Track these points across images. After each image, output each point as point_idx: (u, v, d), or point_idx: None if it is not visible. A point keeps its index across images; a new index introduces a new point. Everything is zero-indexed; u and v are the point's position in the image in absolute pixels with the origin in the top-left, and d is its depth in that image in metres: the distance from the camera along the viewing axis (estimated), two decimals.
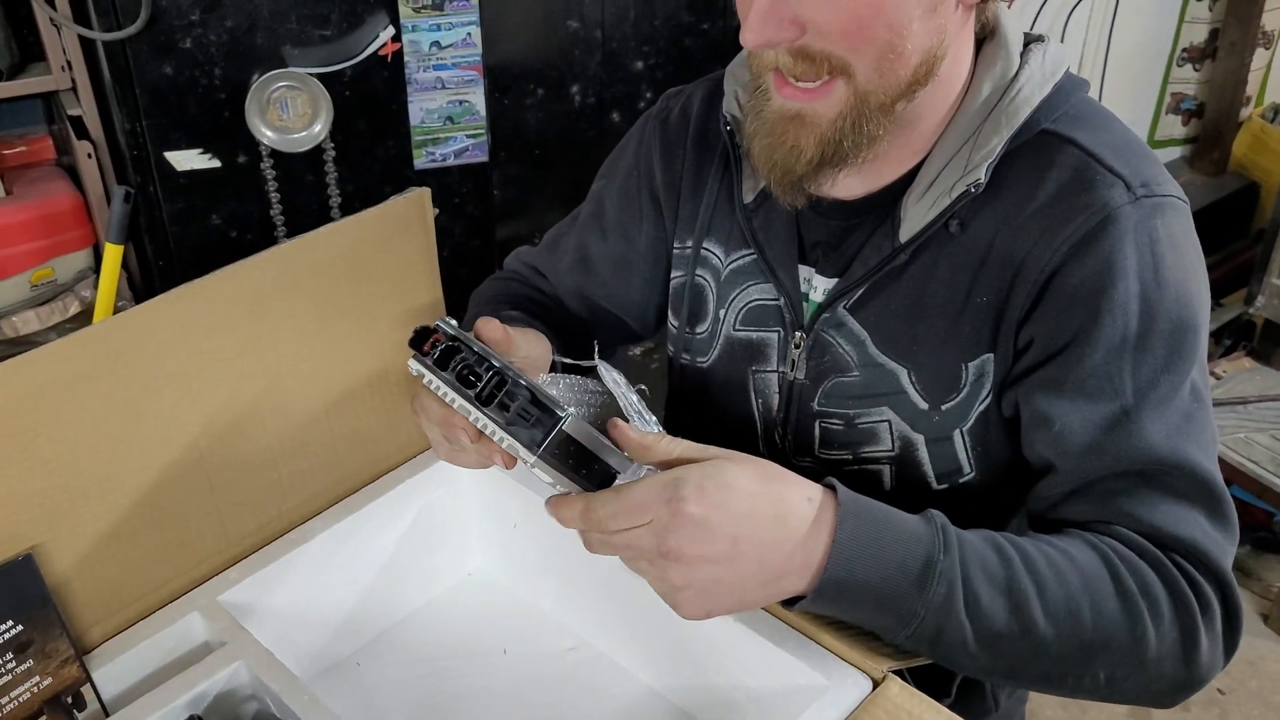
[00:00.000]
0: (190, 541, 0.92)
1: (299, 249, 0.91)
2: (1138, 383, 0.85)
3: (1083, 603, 0.80)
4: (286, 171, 1.80)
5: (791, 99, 0.86)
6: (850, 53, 0.82)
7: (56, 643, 0.84)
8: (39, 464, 0.82)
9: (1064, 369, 0.87)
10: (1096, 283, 0.85)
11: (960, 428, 0.94)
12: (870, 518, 0.79)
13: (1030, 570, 0.80)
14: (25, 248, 1.77)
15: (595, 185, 1.19)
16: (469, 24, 1.79)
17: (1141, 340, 0.85)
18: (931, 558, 0.78)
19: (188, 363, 0.87)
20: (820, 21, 0.81)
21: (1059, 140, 0.90)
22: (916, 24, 0.83)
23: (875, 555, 0.77)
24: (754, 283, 1.04)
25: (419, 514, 1.06)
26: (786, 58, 0.84)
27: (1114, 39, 2.93)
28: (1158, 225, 0.87)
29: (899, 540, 0.78)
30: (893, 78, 0.85)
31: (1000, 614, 0.79)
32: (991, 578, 0.79)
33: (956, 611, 0.78)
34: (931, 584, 0.77)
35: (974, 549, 0.80)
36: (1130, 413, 0.85)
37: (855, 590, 0.77)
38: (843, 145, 0.87)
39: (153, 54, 1.65)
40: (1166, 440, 0.84)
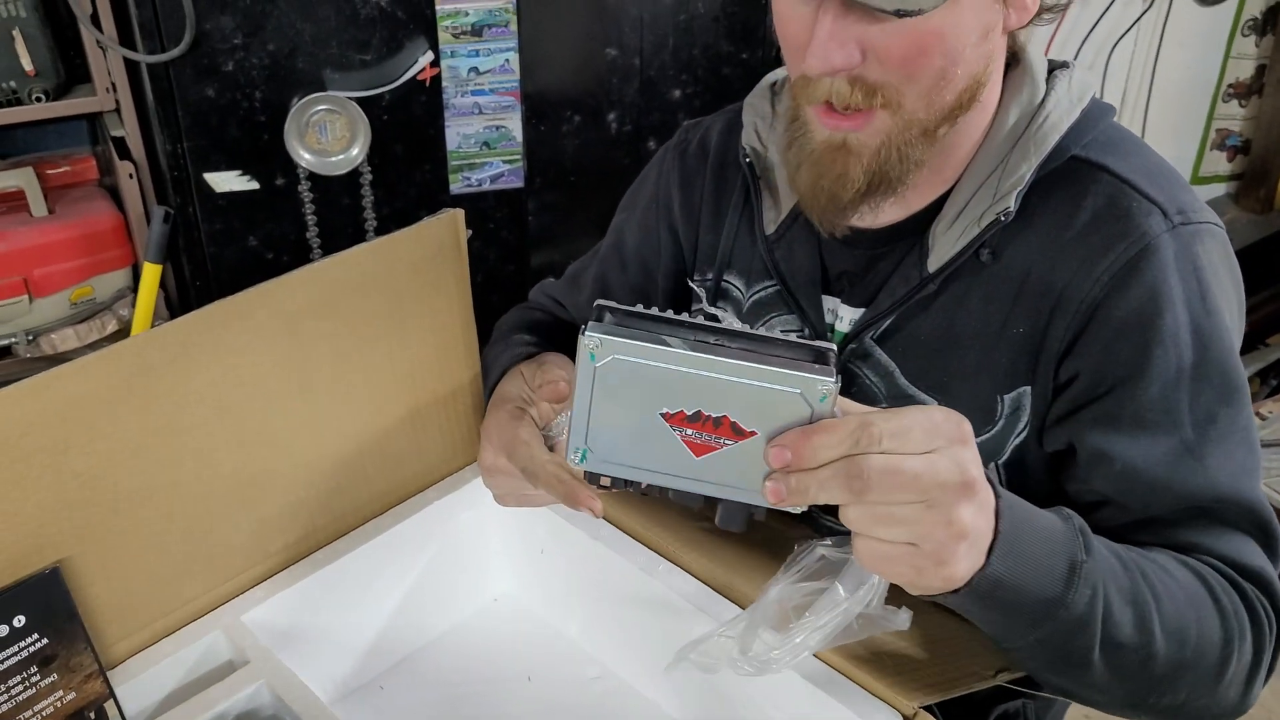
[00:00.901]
0: (217, 559, 0.92)
1: (332, 268, 0.91)
2: (1196, 415, 0.84)
3: (1189, 620, 0.79)
4: (324, 194, 1.81)
5: (836, 129, 0.85)
6: (905, 81, 0.82)
7: (81, 657, 0.84)
8: (70, 477, 0.82)
9: (1119, 404, 0.86)
10: (1145, 314, 0.84)
11: (995, 461, 0.93)
12: (1023, 511, 0.74)
13: (1148, 583, 0.78)
14: (66, 266, 1.79)
15: (616, 218, 1.19)
16: (507, 50, 1.80)
17: (1196, 371, 0.84)
18: (1075, 559, 0.75)
19: (219, 379, 0.87)
20: (883, 48, 0.80)
21: (1090, 167, 0.89)
22: (970, 50, 0.83)
23: (1028, 553, 0.72)
24: (777, 314, 1.03)
25: (447, 536, 1.05)
26: (843, 85, 0.82)
27: (1158, 74, 2.91)
28: (1199, 253, 0.86)
29: (1047, 540, 0.74)
30: (939, 103, 0.84)
31: (1127, 624, 0.77)
32: (1120, 587, 0.77)
33: (1094, 619, 0.75)
34: (1076, 585, 0.74)
35: (1104, 555, 0.78)
36: (1192, 448, 0.84)
37: (1009, 590, 0.72)
38: (889, 173, 0.87)
39: (195, 76, 1.67)
40: (1230, 477, 0.84)
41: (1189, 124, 3.13)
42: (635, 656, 1.01)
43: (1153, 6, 2.78)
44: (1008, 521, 0.71)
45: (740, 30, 1.96)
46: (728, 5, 1.92)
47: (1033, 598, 0.73)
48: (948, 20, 0.79)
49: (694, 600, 0.92)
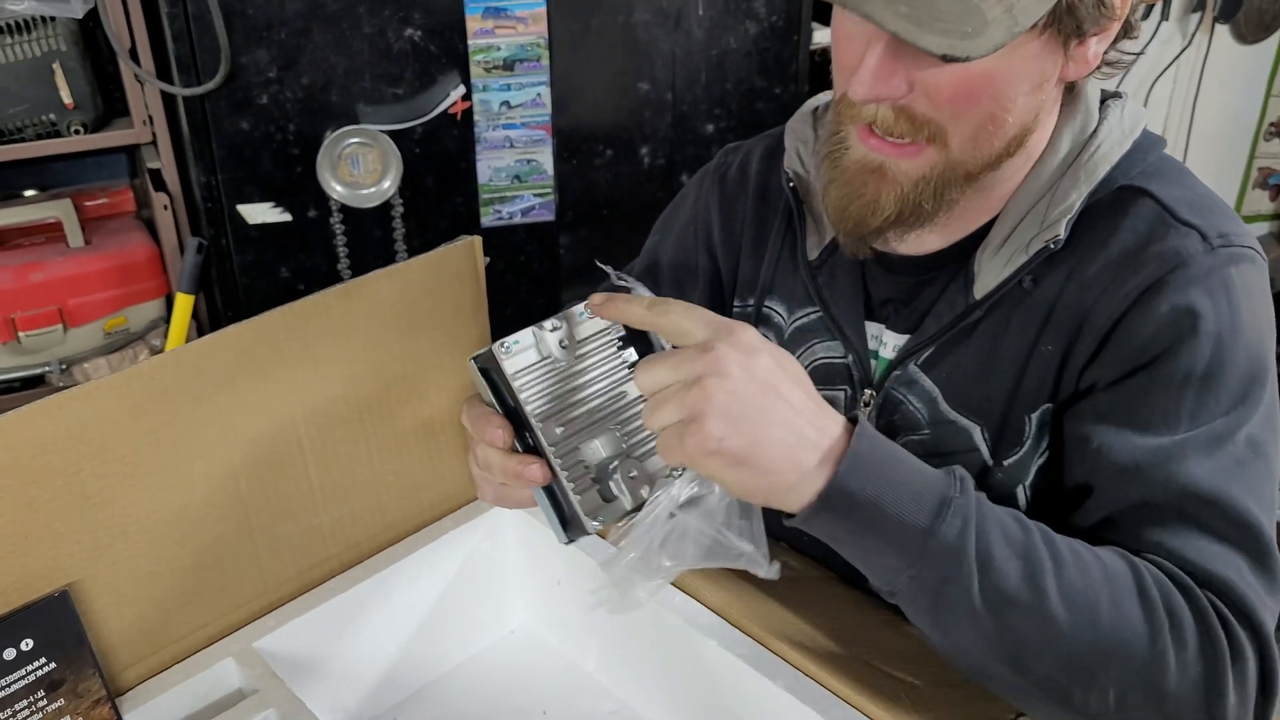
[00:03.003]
0: (228, 585, 0.91)
1: (348, 294, 0.90)
2: (1195, 423, 0.81)
3: (1101, 594, 0.74)
4: (355, 226, 1.82)
5: (876, 150, 0.84)
6: (951, 120, 0.81)
7: (89, 682, 0.83)
8: (81, 499, 0.81)
9: (1117, 398, 0.83)
10: (1167, 325, 0.82)
11: (1023, 483, 0.91)
12: (889, 446, 0.75)
13: (1049, 545, 0.76)
14: (100, 296, 1.81)
15: (650, 240, 1.18)
16: (539, 84, 1.81)
17: (1205, 382, 0.81)
18: (947, 495, 0.74)
19: (233, 403, 0.87)
20: (931, 84, 0.79)
21: (1135, 193, 0.88)
22: (1021, 99, 0.81)
23: (891, 476, 0.73)
24: (819, 341, 1.02)
25: (462, 566, 1.04)
26: (888, 113, 0.82)
27: (1198, 112, 2.88)
28: (1232, 273, 0.84)
29: (917, 472, 0.75)
30: (986, 149, 0.83)
31: (1011, 574, 0.73)
32: (1009, 537, 0.75)
33: (967, 555, 0.73)
34: (946, 516, 0.72)
35: (992, 508, 0.76)
36: (1181, 447, 0.80)
37: (866, 507, 0.72)
38: (923, 206, 0.85)
39: (230, 109, 1.69)
40: (1209, 477, 0.79)
41: (1230, 163, 3.10)
42: (653, 691, 0.99)
43: (1192, 44, 2.76)
44: (864, 441, 0.73)
45: (773, 65, 1.96)
46: (760, 40, 1.92)
47: (896, 521, 0.73)
48: (1000, 66, 0.78)
49: (711, 632, 0.90)
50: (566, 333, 0.79)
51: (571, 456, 0.78)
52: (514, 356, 0.77)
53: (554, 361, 0.78)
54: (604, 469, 0.78)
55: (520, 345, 0.78)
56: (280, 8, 1.65)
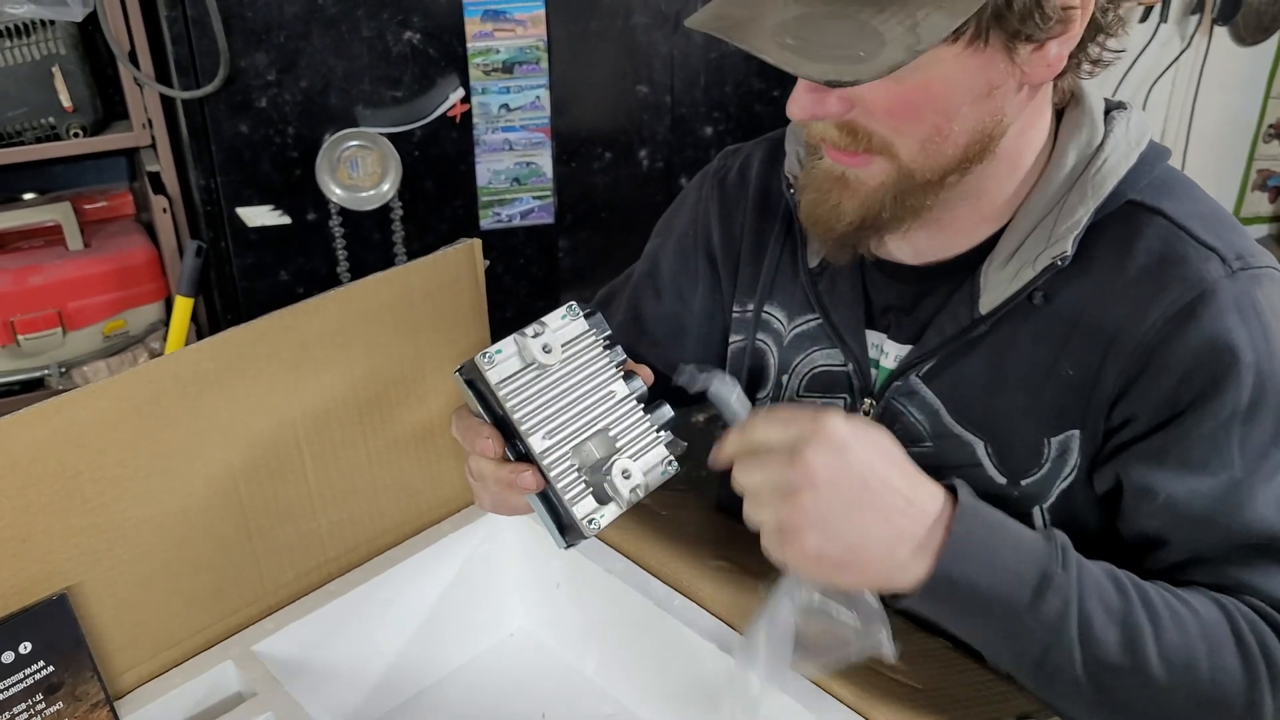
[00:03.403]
0: (227, 589, 0.91)
1: (347, 296, 0.90)
2: (1247, 455, 0.81)
3: (1200, 652, 0.76)
4: (354, 229, 1.82)
5: (836, 160, 0.85)
6: (894, 133, 0.81)
7: (87, 686, 0.83)
8: (79, 502, 0.81)
9: (1168, 440, 0.83)
10: (1201, 356, 0.82)
11: (1040, 504, 0.90)
12: (990, 520, 0.77)
13: (1147, 607, 0.77)
14: (100, 299, 1.81)
15: (650, 243, 1.18)
16: (538, 87, 1.81)
17: (1251, 411, 0.81)
18: (1048, 571, 0.75)
19: (231, 406, 0.87)
20: (868, 100, 0.79)
21: (1145, 211, 0.87)
22: (967, 108, 0.80)
23: (990, 558, 0.75)
24: (819, 348, 1.01)
25: (461, 570, 1.04)
26: (832, 130, 0.82)
27: (1196, 114, 2.88)
28: (1259, 297, 0.83)
29: (1016, 549, 0.76)
30: (938, 157, 0.83)
31: (1112, 644, 0.75)
32: (1108, 606, 0.76)
33: (1068, 631, 0.75)
34: (1046, 595, 0.74)
35: (1092, 574, 0.77)
36: (1240, 484, 0.81)
37: (966, 591, 0.74)
38: (882, 214, 0.85)
39: (229, 112, 1.69)
40: (1277, 511, 0.81)
41: (1229, 165, 3.10)
42: (652, 695, 0.99)
43: (1191, 46, 2.76)
44: (964, 522, 0.75)
45: (772, 67, 1.95)
46: None
47: (999, 603, 0.74)
48: (936, 78, 0.77)
49: (711, 635, 0.90)
50: (549, 337, 0.79)
51: (563, 461, 0.78)
52: (497, 366, 0.77)
53: (538, 367, 0.78)
54: (598, 469, 0.78)
55: (503, 354, 0.78)
56: (279, 11, 1.65)
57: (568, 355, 0.80)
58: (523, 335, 0.79)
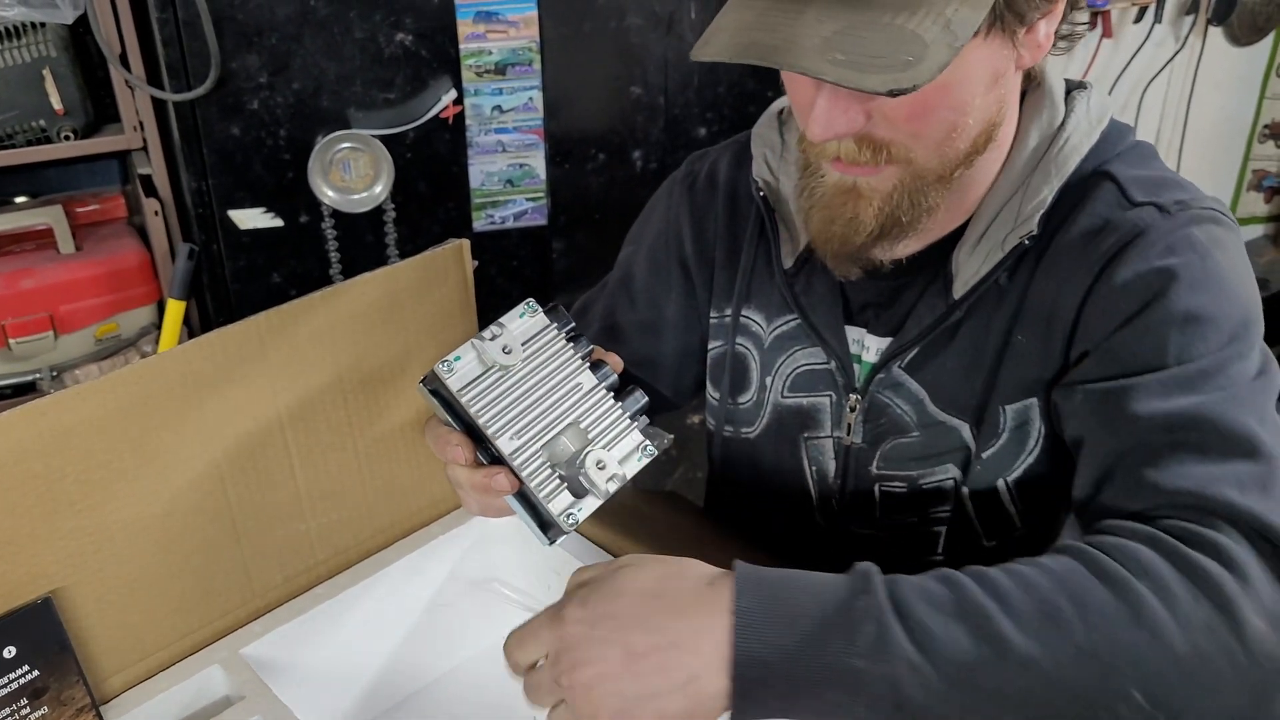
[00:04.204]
0: (215, 592, 0.91)
1: (335, 297, 0.90)
2: (1180, 360, 0.77)
3: (1059, 603, 0.66)
4: (347, 231, 1.82)
5: (846, 173, 0.85)
6: (912, 139, 0.81)
7: (73, 690, 0.82)
8: (65, 505, 0.81)
9: (1100, 358, 0.82)
10: (1139, 283, 0.81)
11: (1004, 476, 0.90)
12: (772, 581, 0.69)
13: (985, 587, 0.68)
14: (91, 302, 1.80)
15: (623, 253, 1.18)
16: (531, 89, 1.80)
17: (1187, 324, 0.78)
18: (845, 602, 0.66)
19: (219, 408, 0.86)
20: (888, 110, 0.79)
21: (1098, 177, 0.88)
22: (979, 100, 0.81)
23: (784, 615, 0.67)
24: (800, 348, 1.01)
25: (451, 571, 1.03)
26: (850, 145, 0.82)
27: (1191, 115, 2.88)
28: (1194, 231, 0.83)
29: (809, 594, 0.68)
30: (952, 153, 0.83)
31: (961, 638, 0.65)
32: (938, 605, 0.67)
33: (899, 649, 0.65)
34: (857, 626, 0.65)
35: (909, 583, 0.68)
36: (1162, 380, 0.77)
37: (777, 664, 0.66)
38: (900, 218, 0.86)
39: (221, 114, 1.69)
40: (1198, 404, 0.74)
41: (1225, 165, 3.10)
42: None
43: (1186, 47, 2.76)
44: (744, 600, 0.67)
45: (765, 68, 1.95)
46: None
47: (812, 660, 0.66)
48: (953, 76, 0.77)
49: None
50: (507, 338, 0.79)
51: (535, 460, 0.77)
52: (457, 373, 0.77)
53: (500, 369, 0.78)
54: (572, 463, 0.78)
55: (462, 361, 0.78)
56: (270, 13, 1.64)
57: (529, 353, 0.79)
58: (480, 339, 0.78)
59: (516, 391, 0.78)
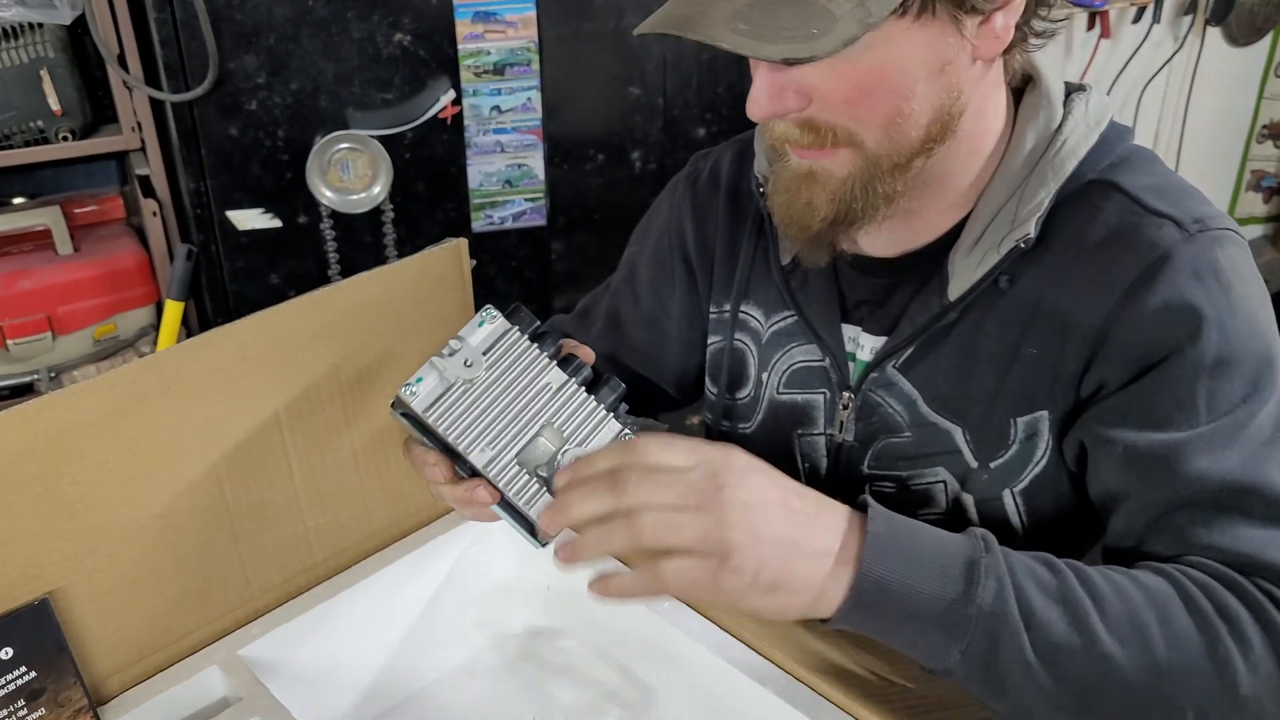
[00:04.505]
0: (212, 592, 0.90)
1: (333, 296, 0.89)
2: (1213, 412, 0.80)
3: (1149, 619, 0.72)
4: (346, 232, 1.82)
5: (803, 157, 0.85)
6: (855, 122, 0.80)
7: (70, 691, 0.82)
8: (61, 505, 0.80)
9: (1129, 397, 0.83)
10: (1165, 318, 0.81)
11: (1011, 487, 0.90)
12: (903, 521, 0.74)
13: (1085, 583, 0.74)
14: (90, 303, 1.80)
15: (627, 251, 1.18)
16: (529, 89, 1.80)
17: (1217, 369, 0.80)
18: (973, 558, 0.72)
19: (216, 407, 0.86)
20: (824, 90, 0.79)
21: (1103, 186, 0.88)
22: (922, 85, 0.80)
23: (913, 554, 0.72)
24: (797, 344, 1.01)
25: (450, 572, 1.03)
26: (794, 129, 0.82)
27: (1190, 115, 2.88)
28: (1219, 256, 0.83)
29: (937, 543, 0.73)
30: (903, 140, 0.82)
31: (1057, 622, 0.71)
32: (1044, 586, 0.73)
33: (1010, 613, 0.71)
34: (979, 581, 0.71)
35: (1020, 558, 0.74)
36: (1203, 437, 0.79)
37: (898, 591, 0.71)
38: (854, 205, 0.85)
39: (219, 115, 1.69)
40: (1242, 465, 0.78)
41: (1223, 165, 3.10)
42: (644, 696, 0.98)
43: (1184, 47, 2.76)
44: (879, 525, 0.72)
45: None
46: None
47: (931, 599, 0.71)
48: (886, 58, 0.77)
49: (699, 636, 0.89)
50: (467, 351, 0.78)
51: (510, 469, 0.77)
52: (421, 395, 0.77)
53: (464, 383, 0.77)
54: (551, 464, 0.77)
55: (424, 381, 0.77)
56: (268, 13, 1.64)
57: (492, 361, 0.78)
58: (440, 356, 0.78)
59: (484, 402, 0.77)
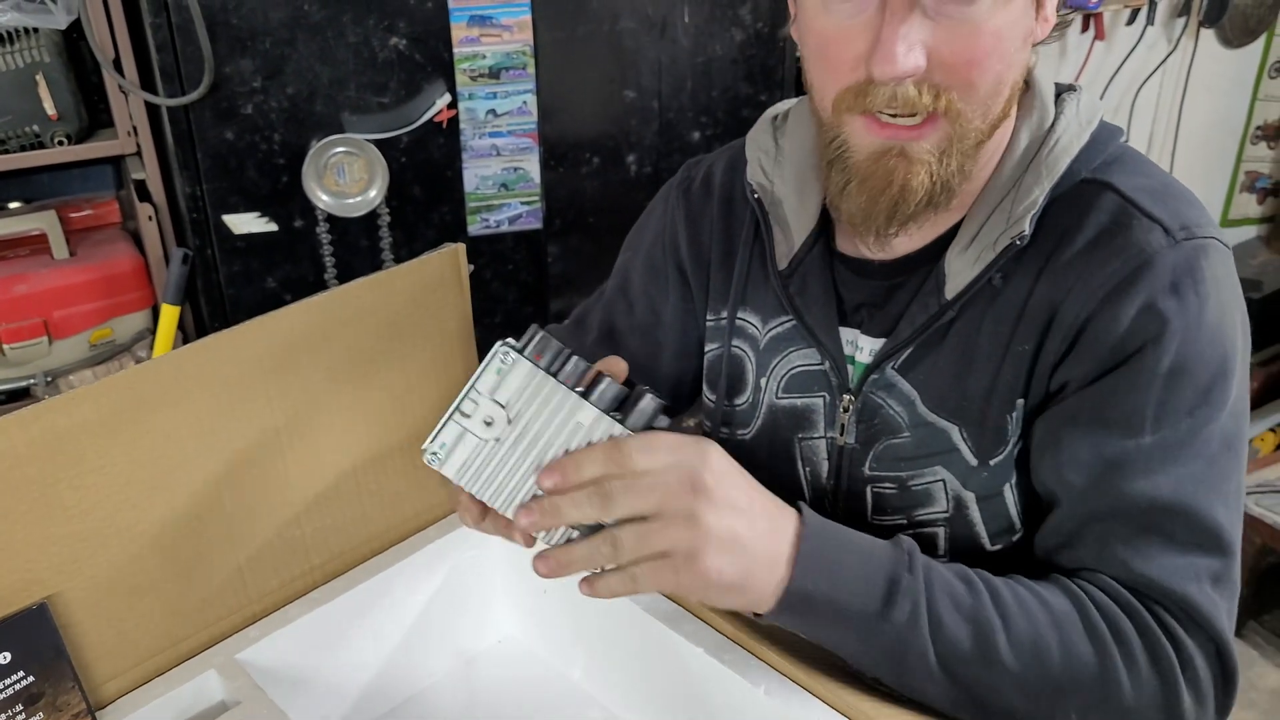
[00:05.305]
0: (210, 597, 0.91)
1: (330, 301, 0.90)
2: (1159, 425, 0.82)
3: (1050, 640, 0.79)
4: (342, 236, 1.81)
5: (892, 138, 0.83)
6: (965, 86, 0.81)
7: (68, 696, 0.82)
8: (59, 510, 0.81)
9: (1083, 399, 0.85)
10: (1135, 322, 0.83)
11: (1009, 482, 0.91)
12: (834, 534, 0.79)
13: (997, 603, 0.80)
14: (85, 308, 1.80)
15: (620, 258, 1.18)
16: (525, 92, 1.80)
17: (1170, 379, 0.82)
18: (895, 576, 0.78)
19: (214, 412, 0.86)
20: (947, 51, 0.79)
21: (1097, 186, 0.88)
22: (1016, 54, 0.83)
23: (839, 570, 0.77)
24: (795, 349, 1.01)
25: (447, 577, 1.03)
26: (910, 90, 0.80)
27: (1184, 116, 2.88)
28: (1202, 266, 0.84)
29: (863, 559, 0.79)
30: (992, 111, 0.84)
31: (964, 640, 0.78)
32: (958, 603, 0.79)
33: (920, 631, 0.77)
34: (895, 602, 0.77)
35: (941, 575, 0.80)
36: (1144, 451, 0.82)
37: (821, 604, 0.77)
38: (950, 181, 0.85)
39: (215, 119, 1.68)
40: (1176, 487, 0.81)
41: (1218, 166, 3.10)
42: (639, 701, 0.98)
43: (1178, 48, 2.76)
44: (812, 541, 0.77)
45: (759, 72, 1.96)
46: (746, 48, 1.92)
47: (852, 611, 0.77)
48: (1005, 21, 0.79)
49: (698, 640, 0.90)
50: (488, 408, 0.74)
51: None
52: (446, 461, 0.75)
53: (492, 442, 0.75)
54: None
55: (447, 446, 0.75)
56: (264, 17, 1.64)
57: (516, 411, 0.74)
58: (463, 416, 0.74)
59: (512, 458, 0.75)
